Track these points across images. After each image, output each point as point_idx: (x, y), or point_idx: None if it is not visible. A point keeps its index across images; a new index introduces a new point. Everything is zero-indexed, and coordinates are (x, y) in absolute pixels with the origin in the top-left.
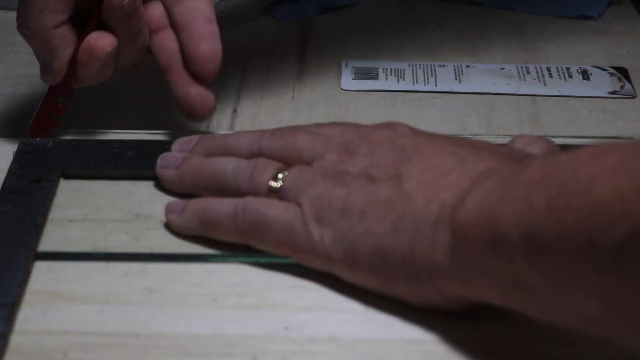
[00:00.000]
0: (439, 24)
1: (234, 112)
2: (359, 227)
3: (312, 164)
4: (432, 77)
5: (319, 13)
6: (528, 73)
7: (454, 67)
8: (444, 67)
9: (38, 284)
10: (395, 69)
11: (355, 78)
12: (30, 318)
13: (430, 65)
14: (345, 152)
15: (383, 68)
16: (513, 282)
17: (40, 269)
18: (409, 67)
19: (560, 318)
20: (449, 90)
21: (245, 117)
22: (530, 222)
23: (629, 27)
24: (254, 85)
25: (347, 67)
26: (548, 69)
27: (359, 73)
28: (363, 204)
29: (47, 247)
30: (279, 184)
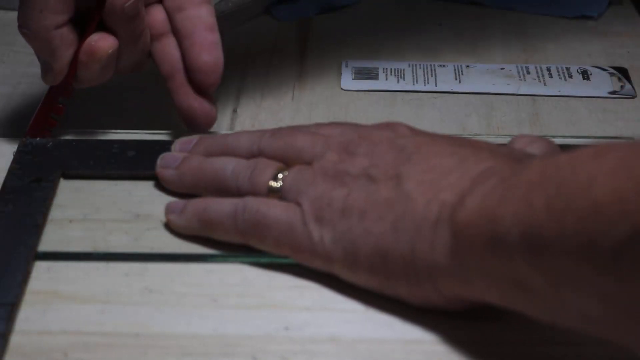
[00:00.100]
0: (439, 24)
1: (234, 112)
2: (359, 227)
3: (312, 164)
4: (432, 77)
5: (319, 13)
6: (528, 73)
7: (454, 67)
8: (444, 67)
9: (38, 284)
10: (395, 69)
11: (355, 78)
12: (30, 318)
13: (430, 65)
14: (345, 152)
15: (383, 68)
16: (513, 282)
17: (40, 269)
18: (409, 67)
19: (560, 318)
20: (449, 90)
21: (245, 117)
22: (530, 222)
23: (629, 27)
24: (254, 85)
25: (347, 67)
26: (548, 69)
27: (359, 73)
28: (363, 204)
29: (47, 247)
30: (279, 184)
